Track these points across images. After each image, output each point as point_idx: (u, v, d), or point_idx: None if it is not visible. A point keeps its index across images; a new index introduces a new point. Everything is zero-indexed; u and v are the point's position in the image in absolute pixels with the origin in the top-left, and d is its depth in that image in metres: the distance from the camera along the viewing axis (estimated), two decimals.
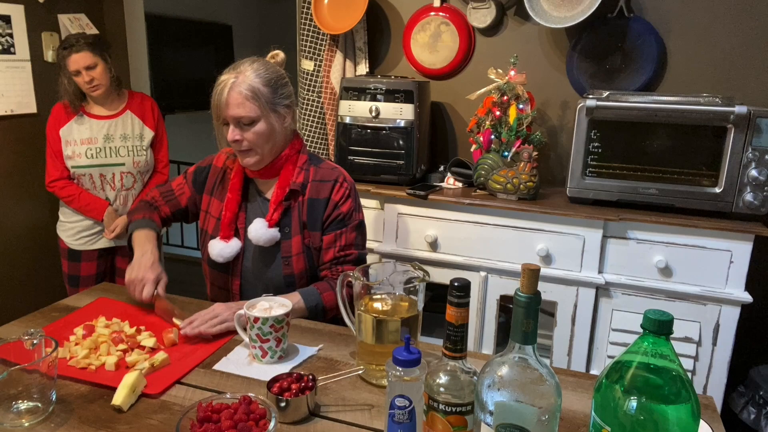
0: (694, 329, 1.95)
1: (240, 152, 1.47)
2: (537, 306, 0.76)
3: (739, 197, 1.91)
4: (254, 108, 1.41)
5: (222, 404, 0.94)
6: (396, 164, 2.31)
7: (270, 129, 1.45)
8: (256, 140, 1.44)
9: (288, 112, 1.50)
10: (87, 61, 2.36)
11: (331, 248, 1.51)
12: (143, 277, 1.41)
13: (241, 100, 1.40)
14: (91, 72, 2.38)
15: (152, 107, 2.64)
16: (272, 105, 1.45)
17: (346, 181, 1.55)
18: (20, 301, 2.66)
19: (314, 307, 1.43)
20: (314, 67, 2.65)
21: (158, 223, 1.62)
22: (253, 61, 1.46)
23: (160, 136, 2.64)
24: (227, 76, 1.42)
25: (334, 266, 1.51)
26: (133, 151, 2.53)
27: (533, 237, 2.07)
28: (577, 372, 1.28)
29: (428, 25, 2.53)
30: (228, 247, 1.51)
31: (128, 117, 2.55)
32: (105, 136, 2.48)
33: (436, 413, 0.86)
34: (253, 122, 1.42)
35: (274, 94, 1.45)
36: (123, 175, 2.53)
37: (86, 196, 2.49)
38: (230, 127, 1.43)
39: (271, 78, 1.45)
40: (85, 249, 2.57)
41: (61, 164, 2.47)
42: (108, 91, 2.46)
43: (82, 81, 2.38)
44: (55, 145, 2.46)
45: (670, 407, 0.72)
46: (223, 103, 1.41)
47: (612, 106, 1.98)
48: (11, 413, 0.99)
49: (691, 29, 2.25)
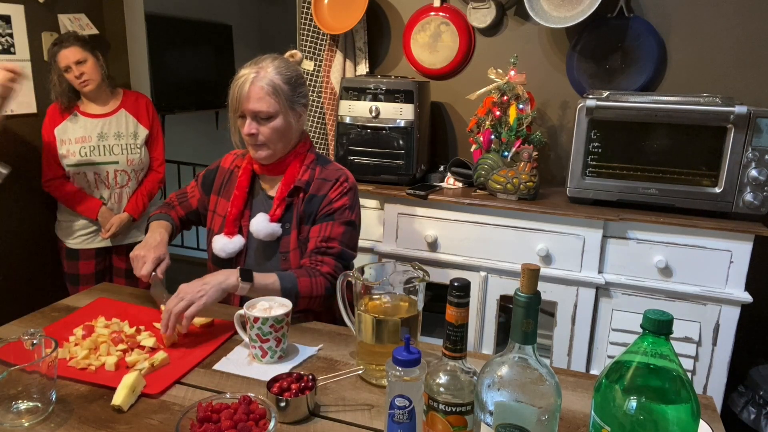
0: (694, 329, 1.95)
1: (254, 146, 1.49)
2: (537, 306, 0.76)
3: (739, 197, 1.91)
4: (274, 103, 1.43)
5: (222, 404, 0.94)
6: (396, 164, 2.31)
7: (286, 126, 1.47)
8: (271, 135, 1.46)
9: (303, 110, 1.53)
10: (77, 56, 2.35)
11: (315, 238, 1.50)
12: (145, 254, 1.44)
13: (262, 95, 1.42)
14: (81, 67, 2.37)
15: (147, 105, 2.63)
16: (290, 102, 1.47)
17: (348, 181, 1.55)
18: (20, 302, 2.66)
19: (289, 289, 1.39)
20: (314, 67, 2.65)
21: (175, 219, 1.66)
22: (275, 58, 1.48)
23: (155, 134, 2.63)
24: (248, 70, 1.44)
25: (314, 255, 1.49)
26: (127, 149, 2.53)
27: (533, 237, 2.07)
28: (577, 372, 1.28)
29: (428, 25, 2.53)
30: (231, 243, 1.51)
31: (122, 115, 2.54)
32: (99, 134, 2.48)
33: (436, 413, 0.86)
34: (271, 117, 1.44)
35: (294, 92, 1.47)
36: (117, 173, 2.52)
37: (80, 196, 2.49)
38: (247, 120, 1.45)
39: (291, 76, 1.47)
40: (82, 248, 2.57)
41: (56, 163, 2.47)
42: (99, 87, 2.45)
43: (73, 76, 2.38)
44: (51, 144, 2.45)
45: (669, 407, 0.72)
46: (244, 96, 1.42)
47: (612, 106, 1.98)
48: (11, 413, 0.99)
49: (691, 29, 2.25)
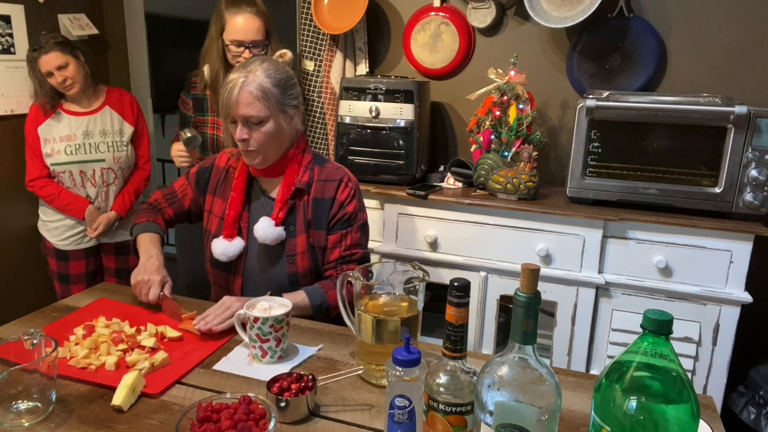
0: (694, 329, 1.95)
1: (245, 152, 1.48)
2: (537, 306, 0.76)
3: (739, 197, 1.91)
4: (263, 108, 1.42)
5: (222, 404, 0.94)
6: (396, 164, 2.31)
7: (278, 129, 1.46)
8: (263, 140, 1.45)
9: (296, 112, 1.51)
10: (58, 60, 2.32)
11: (337, 248, 1.51)
12: (149, 279, 1.43)
13: (251, 100, 1.41)
14: (64, 71, 2.34)
15: (131, 103, 2.61)
16: (281, 105, 1.45)
17: (351, 180, 1.55)
18: (9, 302, 2.66)
19: (319, 305, 1.43)
20: (314, 67, 2.65)
21: (162, 226, 1.63)
22: (263, 60, 1.46)
23: (141, 131, 2.61)
24: (237, 74, 1.42)
25: (339, 265, 1.52)
26: (113, 146, 2.51)
27: (533, 237, 2.07)
28: (577, 372, 1.28)
29: (428, 25, 2.53)
30: (231, 246, 1.51)
31: (107, 113, 2.52)
32: (84, 132, 2.46)
33: (436, 413, 0.86)
34: (262, 122, 1.43)
35: (284, 94, 1.46)
36: (103, 171, 2.50)
37: (66, 195, 2.46)
38: (238, 125, 1.44)
39: (281, 78, 1.46)
40: (71, 249, 2.55)
41: (40, 163, 2.44)
42: (84, 88, 2.43)
43: (56, 81, 2.35)
44: (34, 144, 2.43)
45: (669, 407, 0.72)
46: (233, 101, 1.41)
47: (612, 106, 1.98)
48: (11, 413, 0.99)
49: (691, 29, 2.24)
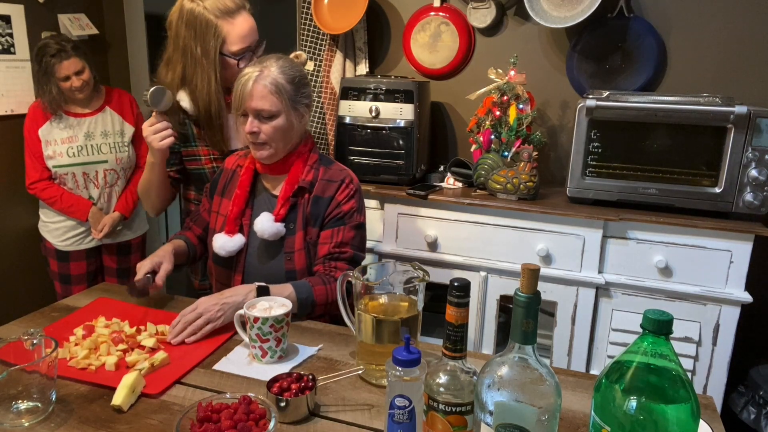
0: (694, 329, 1.95)
1: (255, 144, 1.49)
2: (537, 306, 0.76)
3: (739, 197, 1.91)
4: (276, 102, 1.44)
5: (222, 404, 0.94)
6: (396, 164, 2.31)
7: (288, 125, 1.48)
8: (273, 134, 1.46)
9: (306, 111, 1.54)
10: (77, 66, 2.35)
11: (327, 244, 1.51)
12: (141, 263, 1.49)
13: (265, 93, 1.43)
14: (81, 76, 2.37)
15: (131, 103, 2.61)
16: (293, 102, 1.48)
17: (353, 182, 1.56)
18: (9, 302, 2.66)
19: (305, 299, 1.41)
20: (314, 67, 2.65)
21: (191, 239, 1.68)
22: (279, 58, 1.49)
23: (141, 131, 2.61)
24: (252, 69, 1.45)
25: (327, 261, 1.51)
26: (115, 147, 2.51)
27: (533, 237, 2.07)
28: (577, 372, 1.28)
29: (428, 25, 2.53)
30: (231, 241, 1.51)
31: (107, 114, 2.52)
32: (85, 133, 2.46)
33: (436, 413, 0.86)
34: (273, 116, 1.45)
35: (297, 92, 1.48)
36: (106, 173, 2.51)
37: (68, 197, 2.46)
38: (249, 118, 1.45)
39: (295, 76, 1.48)
40: (73, 249, 2.55)
41: (41, 165, 2.44)
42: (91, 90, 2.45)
43: (71, 85, 2.37)
44: (34, 146, 2.43)
45: (669, 407, 0.72)
46: (247, 94, 1.43)
47: (612, 106, 1.98)
48: (11, 413, 1.00)
49: (691, 29, 2.25)
